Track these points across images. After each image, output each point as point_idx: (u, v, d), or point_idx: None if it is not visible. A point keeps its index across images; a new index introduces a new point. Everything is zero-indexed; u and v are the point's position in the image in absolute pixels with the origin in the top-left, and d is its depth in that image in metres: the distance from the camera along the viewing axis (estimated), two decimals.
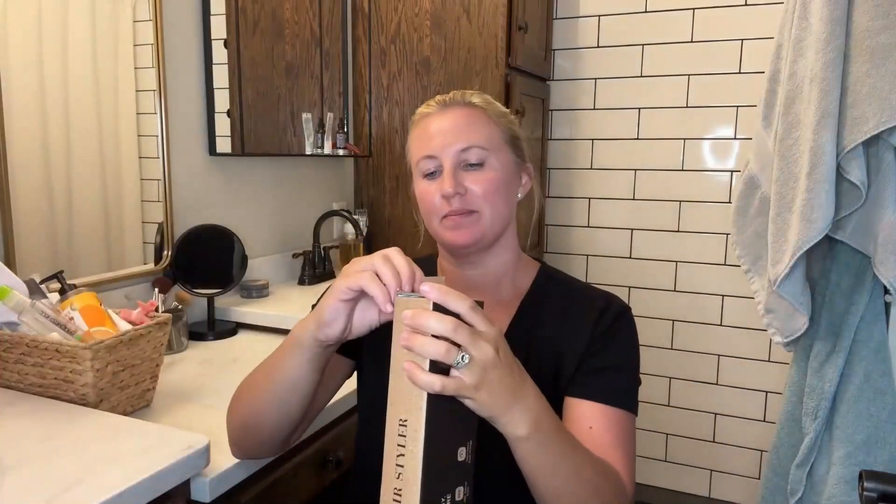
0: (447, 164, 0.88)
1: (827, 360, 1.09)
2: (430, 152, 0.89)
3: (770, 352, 2.27)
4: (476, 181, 0.88)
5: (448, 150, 0.88)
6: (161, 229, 1.56)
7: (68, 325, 1.02)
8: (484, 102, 0.93)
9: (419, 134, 0.92)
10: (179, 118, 1.61)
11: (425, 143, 0.90)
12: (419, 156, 0.91)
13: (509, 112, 0.97)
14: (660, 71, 2.30)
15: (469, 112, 0.91)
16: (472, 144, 0.88)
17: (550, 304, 0.94)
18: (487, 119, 0.91)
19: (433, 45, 2.12)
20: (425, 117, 0.93)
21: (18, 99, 1.24)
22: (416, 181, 0.93)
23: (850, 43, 0.98)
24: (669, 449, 2.46)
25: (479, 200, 0.88)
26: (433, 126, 0.90)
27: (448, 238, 0.90)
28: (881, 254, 0.98)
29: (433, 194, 0.89)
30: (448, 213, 0.88)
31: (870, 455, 1.02)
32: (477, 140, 0.89)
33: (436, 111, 0.92)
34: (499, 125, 0.92)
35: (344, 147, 2.11)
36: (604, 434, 0.83)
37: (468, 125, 0.89)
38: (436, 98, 0.94)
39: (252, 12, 1.78)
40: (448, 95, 0.94)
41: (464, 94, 0.93)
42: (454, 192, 0.87)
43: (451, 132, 0.89)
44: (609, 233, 2.44)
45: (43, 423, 0.93)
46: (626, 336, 0.91)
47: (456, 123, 0.89)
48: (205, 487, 0.90)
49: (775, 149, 1.09)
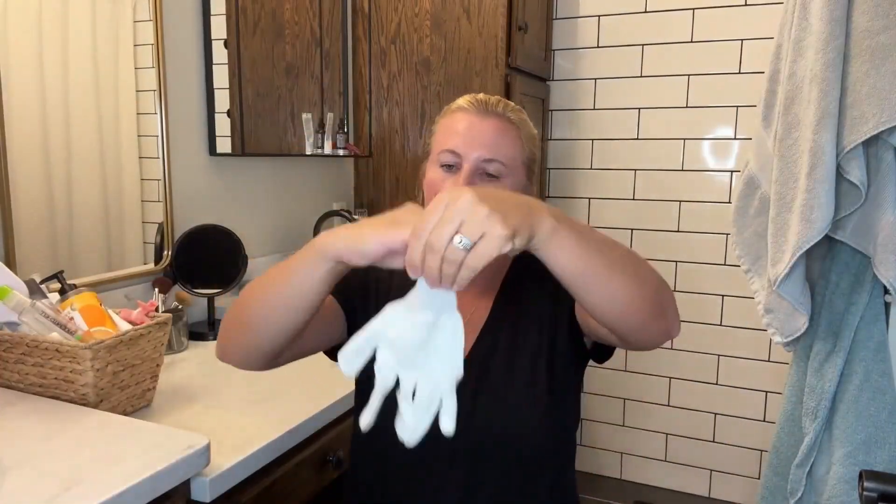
0: (467, 166, 0.89)
1: (827, 359, 1.09)
2: (455, 149, 0.90)
3: (770, 352, 2.27)
4: None
5: (472, 154, 0.89)
6: (161, 229, 1.56)
7: (68, 325, 1.03)
8: (519, 121, 0.94)
9: (450, 125, 0.93)
10: (179, 118, 1.61)
11: (453, 136, 0.91)
12: (444, 146, 0.91)
13: (537, 135, 0.99)
14: (660, 71, 2.30)
15: (505, 126, 0.92)
16: (496, 158, 0.90)
17: (529, 274, 0.96)
18: (517, 137, 0.93)
19: (433, 45, 2.12)
20: (461, 111, 0.93)
21: (19, 99, 1.24)
22: (431, 166, 0.93)
23: (849, 43, 0.98)
24: (669, 449, 2.46)
25: None
26: (467, 125, 0.91)
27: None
28: (881, 254, 0.98)
29: (442, 185, 0.90)
30: None
31: (870, 455, 1.02)
32: (502, 156, 0.90)
33: (474, 112, 0.92)
34: (524, 147, 0.94)
35: (344, 147, 2.11)
36: None
37: (500, 138, 0.91)
38: (477, 96, 0.94)
39: (252, 12, 1.78)
40: (489, 99, 0.94)
41: (505, 104, 0.94)
42: None
43: (481, 139, 0.90)
44: (609, 233, 2.44)
45: (43, 423, 0.93)
46: None
47: (489, 133, 0.90)
48: (205, 487, 0.90)
49: (775, 149, 1.09)
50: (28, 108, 1.27)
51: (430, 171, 0.93)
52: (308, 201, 2.11)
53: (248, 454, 0.98)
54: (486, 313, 0.96)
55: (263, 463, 1.02)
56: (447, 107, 0.96)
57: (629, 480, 2.52)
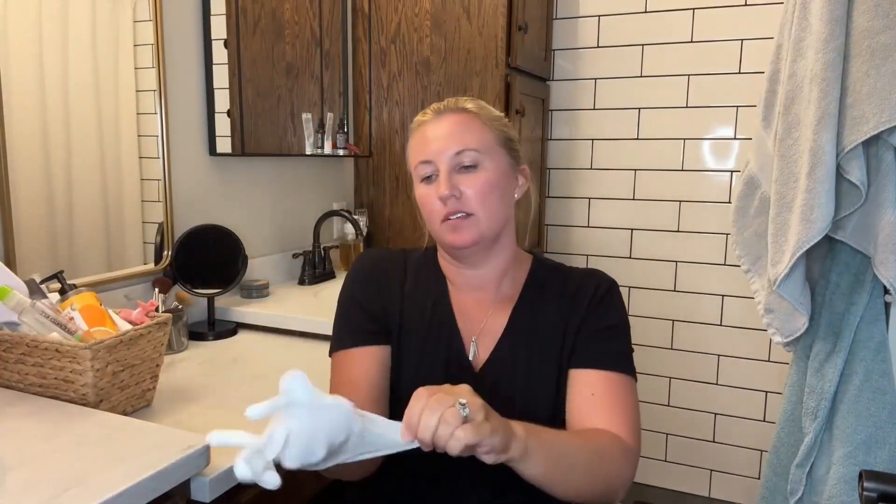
0: (442, 167, 0.92)
1: (827, 359, 1.09)
2: (426, 157, 0.93)
3: (770, 352, 2.27)
4: (470, 183, 0.92)
5: (443, 155, 0.92)
6: (161, 229, 1.56)
7: (68, 325, 1.03)
8: (477, 107, 0.97)
9: (416, 141, 0.96)
10: (179, 118, 1.61)
11: (421, 148, 0.95)
12: (416, 161, 0.95)
13: (503, 116, 1.00)
14: (660, 71, 2.30)
15: (462, 118, 0.94)
16: (465, 147, 0.92)
17: (548, 290, 0.98)
18: (481, 123, 0.95)
19: (433, 45, 2.12)
20: (422, 125, 0.97)
21: (18, 99, 1.24)
22: (416, 186, 0.97)
23: (849, 43, 0.98)
24: (669, 449, 2.46)
25: (473, 202, 0.91)
26: (429, 132, 0.94)
27: (448, 240, 0.93)
28: (881, 254, 0.98)
29: (431, 197, 0.93)
30: (446, 216, 0.92)
31: (870, 455, 1.02)
32: (470, 143, 0.92)
33: (431, 118, 0.96)
34: (492, 129, 0.95)
35: (344, 147, 2.11)
36: (605, 398, 0.89)
37: (461, 130, 0.93)
38: (431, 106, 0.98)
39: (252, 12, 1.78)
40: (443, 103, 0.98)
41: (457, 100, 0.97)
42: (449, 193, 0.90)
43: (445, 137, 0.93)
44: (609, 233, 2.44)
45: (43, 423, 0.93)
46: (619, 307, 0.97)
47: (450, 129, 0.93)
48: (205, 487, 0.90)
49: (775, 149, 1.09)
50: (28, 109, 1.27)
51: (417, 191, 0.97)
52: (308, 201, 2.11)
53: None
54: (504, 323, 0.97)
55: None
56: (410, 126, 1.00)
57: None
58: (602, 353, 0.92)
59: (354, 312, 0.99)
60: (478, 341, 0.96)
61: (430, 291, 1.00)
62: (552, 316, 0.96)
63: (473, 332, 0.97)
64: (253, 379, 1.30)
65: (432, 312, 0.98)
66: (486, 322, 0.97)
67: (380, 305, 0.98)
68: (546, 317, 0.96)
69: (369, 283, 1.00)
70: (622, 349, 0.94)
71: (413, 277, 1.01)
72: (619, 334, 0.95)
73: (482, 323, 0.97)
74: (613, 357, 0.92)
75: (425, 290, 1.00)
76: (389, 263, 1.02)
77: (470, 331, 0.97)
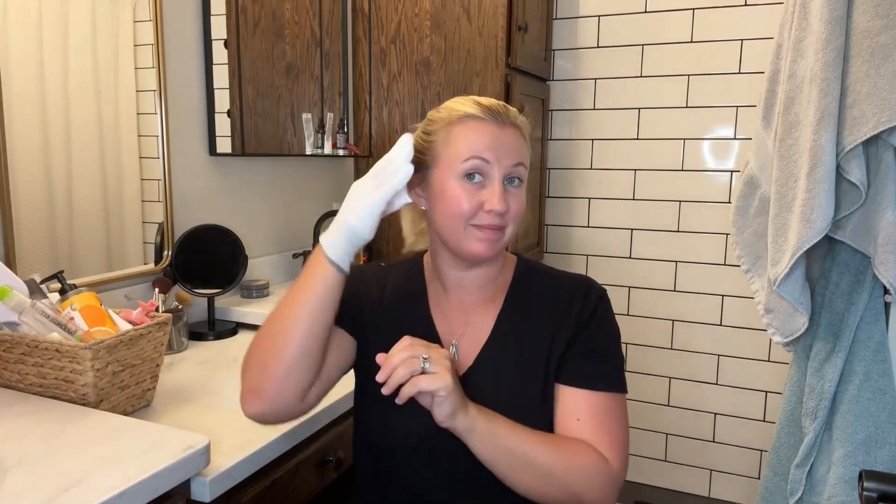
0: (498, 175, 0.87)
1: (827, 359, 1.09)
2: (486, 156, 0.87)
3: (770, 352, 2.27)
4: (515, 200, 0.90)
5: (503, 163, 0.88)
6: (161, 229, 1.56)
7: (68, 325, 1.03)
8: (525, 126, 0.95)
9: (468, 133, 0.88)
10: (179, 118, 1.61)
11: (479, 143, 0.87)
12: (469, 153, 0.87)
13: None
14: (660, 71, 2.30)
15: (519, 133, 0.92)
16: (522, 161, 0.90)
17: (534, 294, 0.97)
18: (526, 141, 0.94)
19: (433, 45, 2.12)
20: (476, 120, 0.89)
21: (19, 99, 1.24)
22: (450, 179, 0.88)
23: (849, 43, 0.98)
24: (669, 449, 2.46)
25: (512, 218, 0.90)
26: (489, 132, 0.88)
27: (471, 248, 0.89)
28: (881, 254, 0.98)
29: (470, 199, 0.87)
30: (483, 226, 0.88)
31: (870, 455, 1.03)
32: (525, 160, 0.91)
33: (489, 121, 0.89)
34: (530, 150, 0.95)
35: (344, 147, 2.11)
36: (591, 422, 0.89)
37: (520, 145, 0.91)
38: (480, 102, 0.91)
39: (252, 12, 1.78)
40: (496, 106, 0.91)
41: (508, 111, 0.92)
42: (505, 209, 0.87)
43: (508, 146, 0.89)
44: (609, 233, 2.44)
45: (43, 423, 0.93)
46: (607, 320, 0.96)
47: (512, 140, 0.90)
48: (205, 487, 0.90)
49: (775, 149, 1.09)
50: (28, 109, 1.27)
51: (449, 184, 0.88)
52: (308, 201, 2.11)
53: (248, 454, 0.98)
54: (489, 327, 0.95)
55: (263, 463, 1.02)
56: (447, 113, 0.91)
57: (629, 480, 2.51)
58: (590, 374, 0.91)
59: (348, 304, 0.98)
60: (458, 344, 0.95)
61: (409, 296, 0.99)
62: (539, 324, 0.94)
63: (454, 335, 0.96)
64: None
65: (410, 316, 0.98)
66: (469, 325, 0.96)
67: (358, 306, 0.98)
68: (533, 324, 0.94)
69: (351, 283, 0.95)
70: (611, 368, 0.93)
71: (393, 289, 1.00)
72: (608, 354, 0.94)
73: (464, 325, 0.96)
74: (602, 378, 0.91)
75: (405, 296, 0.99)
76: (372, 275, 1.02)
77: (450, 333, 0.96)
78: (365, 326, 0.97)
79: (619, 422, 0.91)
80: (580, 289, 0.96)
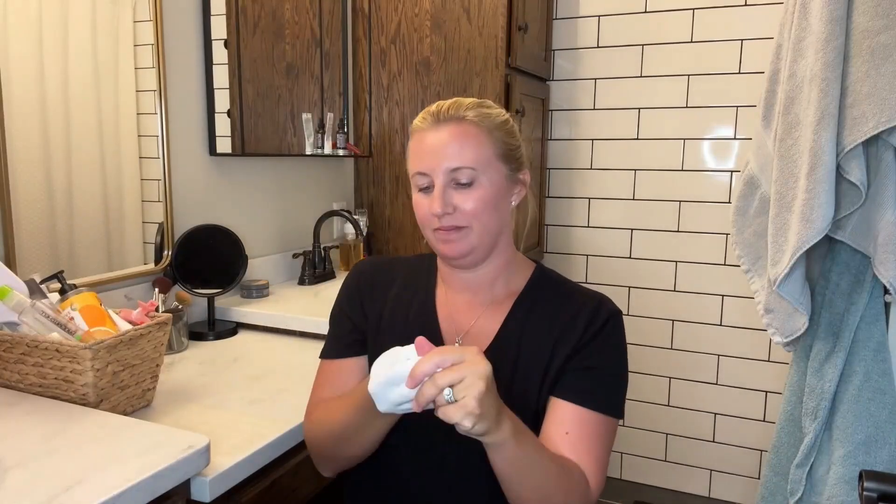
0: (437, 182, 0.90)
1: (827, 360, 1.09)
2: (422, 169, 0.91)
3: (770, 352, 2.27)
4: (465, 200, 0.90)
5: (438, 170, 0.89)
6: (161, 229, 1.56)
7: (68, 325, 1.03)
8: (478, 116, 0.91)
9: (414, 147, 0.94)
10: (179, 118, 1.61)
11: (418, 159, 0.92)
12: (413, 170, 0.93)
13: (506, 119, 0.95)
14: (660, 71, 2.30)
15: (461, 130, 0.90)
16: (462, 165, 0.89)
17: (544, 303, 0.96)
18: (479, 135, 0.90)
19: (433, 45, 2.12)
20: (420, 131, 0.93)
21: (19, 99, 1.24)
22: (413, 191, 0.96)
23: (849, 43, 0.98)
24: (669, 449, 2.46)
25: (467, 217, 0.90)
26: (426, 141, 0.91)
27: (440, 249, 0.94)
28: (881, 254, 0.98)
29: (425, 207, 0.92)
30: (438, 228, 0.91)
31: (870, 455, 1.02)
32: (467, 161, 0.89)
33: (429, 126, 0.92)
34: (492, 140, 0.91)
35: (344, 147, 2.11)
36: (578, 439, 0.87)
37: (460, 145, 0.89)
38: (432, 109, 0.93)
39: (252, 12, 1.78)
40: (444, 107, 0.92)
41: (458, 107, 0.91)
42: (442, 211, 0.89)
43: (442, 151, 0.89)
44: (609, 233, 2.44)
45: (43, 423, 0.93)
46: (613, 341, 0.93)
47: (447, 141, 0.89)
48: (205, 487, 0.90)
49: (775, 149, 1.09)
50: (28, 109, 1.27)
51: (413, 195, 0.95)
52: (308, 201, 2.11)
53: (248, 454, 0.98)
54: (494, 328, 0.95)
55: (263, 463, 1.02)
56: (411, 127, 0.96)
57: (629, 480, 2.52)
58: (583, 390, 0.89)
59: (342, 322, 1.03)
60: (462, 342, 0.95)
61: (417, 293, 1.00)
62: (542, 334, 0.93)
63: (459, 333, 0.96)
64: (253, 379, 1.30)
65: (415, 313, 0.99)
66: (475, 324, 0.96)
67: (362, 315, 1.01)
68: (536, 332, 0.93)
69: (355, 296, 1.03)
70: (608, 390, 0.90)
71: (401, 282, 1.02)
72: (608, 375, 0.91)
73: (470, 324, 0.96)
74: (595, 396, 0.89)
75: (413, 292, 1.00)
76: (377, 273, 1.04)
77: (455, 332, 0.96)
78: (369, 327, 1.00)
79: (605, 445, 0.89)
80: (590, 305, 0.94)
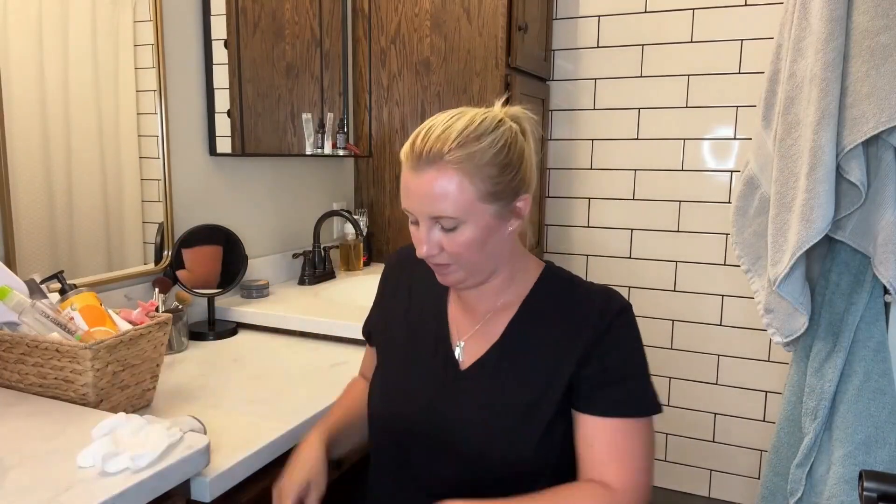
0: (422, 224, 0.88)
1: (826, 359, 1.09)
2: (408, 207, 0.89)
3: (770, 352, 2.27)
4: (450, 243, 0.87)
5: (422, 215, 0.87)
6: (161, 229, 1.56)
7: (68, 325, 1.03)
8: (462, 158, 0.82)
9: (402, 179, 0.89)
10: (179, 118, 1.61)
11: (405, 195, 0.88)
12: (403, 204, 0.90)
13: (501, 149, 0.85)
14: (660, 71, 2.30)
15: (441, 176, 0.83)
16: (442, 215, 0.84)
17: (552, 303, 0.95)
18: (462, 182, 0.83)
19: (433, 45, 2.12)
20: (404, 166, 0.87)
21: (19, 99, 1.24)
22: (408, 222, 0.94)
23: (849, 43, 0.98)
24: (669, 449, 2.46)
25: (454, 258, 0.89)
26: (408, 183, 0.87)
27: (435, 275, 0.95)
28: (881, 254, 0.98)
29: (417, 240, 0.90)
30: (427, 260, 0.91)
31: (870, 455, 1.02)
32: (447, 211, 0.84)
33: (411, 167, 0.85)
34: (476, 182, 0.83)
35: (344, 147, 2.11)
36: (603, 449, 0.86)
37: (439, 193, 0.83)
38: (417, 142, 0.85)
39: (252, 12, 1.78)
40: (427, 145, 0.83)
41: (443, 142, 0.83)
42: (428, 254, 0.89)
43: (422, 198, 0.85)
44: (609, 233, 2.44)
45: (43, 423, 0.93)
46: (626, 339, 0.91)
47: (426, 190, 0.84)
48: (205, 487, 0.90)
49: (775, 149, 1.09)
50: (28, 109, 1.27)
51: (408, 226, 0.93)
52: (308, 201, 2.11)
53: (248, 454, 0.98)
54: (500, 330, 0.95)
55: (263, 463, 1.02)
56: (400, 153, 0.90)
57: None
58: (602, 399, 0.87)
59: (374, 310, 1.11)
60: (466, 343, 0.96)
61: (432, 289, 1.02)
62: (550, 336, 0.91)
63: (465, 333, 0.97)
64: (253, 379, 1.31)
65: (429, 310, 1.02)
66: (481, 325, 0.96)
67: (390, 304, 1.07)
68: (543, 335, 0.92)
69: (387, 281, 1.10)
70: (627, 391, 0.88)
71: (421, 277, 1.03)
72: (625, 375, 0.89)
73: (476, 325, 0.97)
74: (615, 403, 0.87)
75: (430, 287, 1.01)
76: (407, 262, 1.07)
77: (461, 331, 0.97)
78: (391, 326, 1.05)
79: (636, 448, 0.86)
80: (597, 303, 0.92)
